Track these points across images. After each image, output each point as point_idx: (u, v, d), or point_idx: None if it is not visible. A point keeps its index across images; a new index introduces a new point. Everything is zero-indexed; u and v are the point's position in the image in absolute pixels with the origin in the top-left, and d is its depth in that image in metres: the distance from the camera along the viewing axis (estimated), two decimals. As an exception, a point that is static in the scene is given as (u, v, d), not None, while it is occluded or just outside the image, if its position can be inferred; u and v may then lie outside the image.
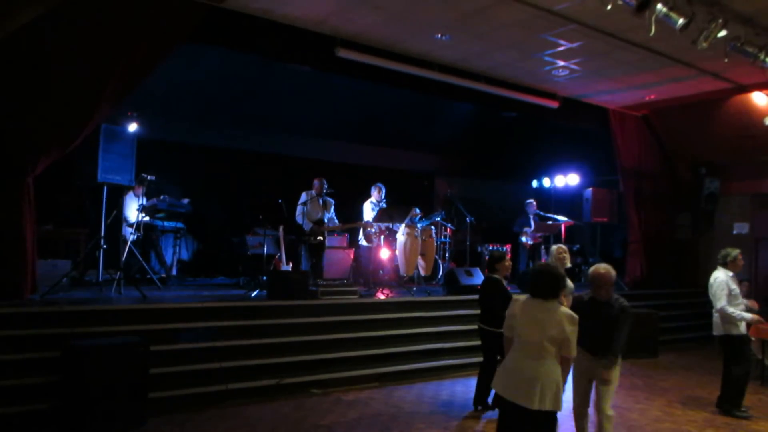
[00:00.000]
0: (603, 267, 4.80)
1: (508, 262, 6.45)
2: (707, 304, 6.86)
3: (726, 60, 7.40)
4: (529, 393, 3.76)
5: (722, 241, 11.02)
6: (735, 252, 6.60)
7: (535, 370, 3.80)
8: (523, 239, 11.50)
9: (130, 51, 6.47)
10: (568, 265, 6.84)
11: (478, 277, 8.96)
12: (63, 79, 6.20)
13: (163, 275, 8.99)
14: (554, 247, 6.87)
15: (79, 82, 6.29)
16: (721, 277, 6.51)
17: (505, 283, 6.36)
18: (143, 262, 8.22)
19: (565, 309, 3.95)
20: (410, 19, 7.56)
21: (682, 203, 12.65)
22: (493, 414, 6.04)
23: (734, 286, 6.47)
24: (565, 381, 3.96)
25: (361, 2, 7.13)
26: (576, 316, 3.91)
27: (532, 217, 11.53)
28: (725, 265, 6.56)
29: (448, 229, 11.12)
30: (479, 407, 6.33)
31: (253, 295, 7.78)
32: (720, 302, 6.38)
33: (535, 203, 11.73)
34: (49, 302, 6.29)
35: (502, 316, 4.25)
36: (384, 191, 9.96)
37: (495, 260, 6.40)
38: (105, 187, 7.41)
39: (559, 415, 3.93)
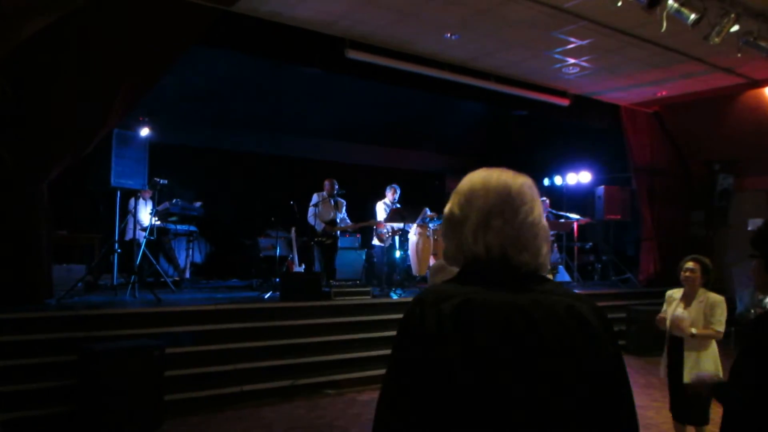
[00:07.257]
0: None
1: None
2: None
3: (739, 55, 7.33)
4: None
5: (736, 238, 10.92)
6: None
7: None
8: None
9: (140, 56, 6.50)
10: None
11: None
12: (75, 86, 6.24)
13: (177, 278, 9.05)
14: None
15: (91, 88, 6.33)
16: None
17: None
18: (157, 266, 8.28)
19: None
20: (419, 19, 7.56)
21: (696, 200, 12.49)
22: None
23: None
24: None
25: (369, 3, 7.13)
26: None
27: (545, 215, 11.43)
28: None
29: (460, 229, 11.06)
30: None
31: (266, 296, 7.81)
32: None
33: (548, 201, 11.67)
34: (65, 306, 6.35)
35: None
36: (399, 192, 9.89)
37: None
38: (118, 192, 7.47)
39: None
